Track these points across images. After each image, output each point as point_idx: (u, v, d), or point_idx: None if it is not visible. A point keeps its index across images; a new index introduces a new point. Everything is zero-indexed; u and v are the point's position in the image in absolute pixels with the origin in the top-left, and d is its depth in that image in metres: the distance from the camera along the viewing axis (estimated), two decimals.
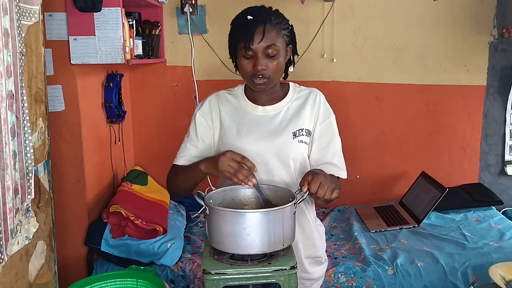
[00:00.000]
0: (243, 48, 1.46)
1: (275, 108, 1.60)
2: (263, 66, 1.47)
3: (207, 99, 1.65)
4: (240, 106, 1.61)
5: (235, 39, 1.51)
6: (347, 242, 2.74)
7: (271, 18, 1.48)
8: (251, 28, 1.45)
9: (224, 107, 1.62)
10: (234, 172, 1.37)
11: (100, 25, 2.27)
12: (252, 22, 1.46)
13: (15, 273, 1.42)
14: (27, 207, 1.48)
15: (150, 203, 2.74)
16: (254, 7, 1.52)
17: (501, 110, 3.28)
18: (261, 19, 1.46)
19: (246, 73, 1.51)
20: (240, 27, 1.49)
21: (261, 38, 1.44)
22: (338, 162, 1.60)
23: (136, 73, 3.24)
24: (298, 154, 1.56)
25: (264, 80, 1.49)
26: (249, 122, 1.58)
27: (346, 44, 3.23)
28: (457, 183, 3.28)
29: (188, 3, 3.04)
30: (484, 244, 2.58)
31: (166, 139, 3.30)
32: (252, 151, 1.52)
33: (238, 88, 1.66)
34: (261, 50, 1.46)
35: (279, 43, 1.48)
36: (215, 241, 1.33)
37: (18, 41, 1.32)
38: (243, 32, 1.46)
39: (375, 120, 3.32)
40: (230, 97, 1.64)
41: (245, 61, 1.49)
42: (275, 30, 1.47)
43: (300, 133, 1.56)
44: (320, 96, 1.63)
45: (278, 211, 1.29)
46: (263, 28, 1.45)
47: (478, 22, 3.18)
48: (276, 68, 1.50)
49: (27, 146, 1.40)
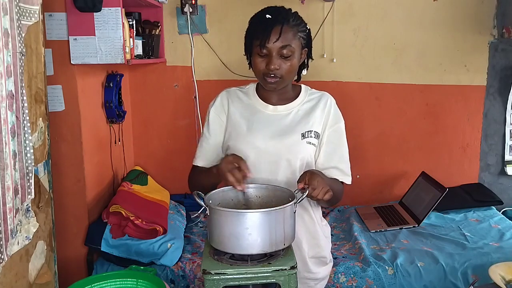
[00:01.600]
0: (259, 45, 1.47)
1: (286, 108, 1.60)
2: (276, 66, 1.48)
3: (219, 96, 1.66)
4: (251, 104, 1.62)
5: (251, 36, 1.52)
6: (347, 242, 2.74)
7: (289, 19, 1.49)
8: (268, 26, 1.46)
9: (234, 103, 1.62)
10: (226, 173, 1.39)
11: (100, 25, 2.27)
12: (270, 21, 1.47)
13: (15, 273, 1.42)
14: (27, 207, 1.48)
15: (150, 203, 2.74)
16: (274, 7, 1.53)
17: (501, 110, 3.28)
18: (280, 19, 1.47)
19: (258, 71, 1.52)
20: (258, 24, 1.50)
21: (277, 37, 1.45)
22: (344, 168, 1.62)
23: (136, 73, 3.24)
24: (305, 155, 1.57)
25: (276, 79, 1.50)
26: (259, 120, 1.59)
27: (346, 44, 3.23)
28: (457, 183, 3.28)
29: (188, 3, 3.04)
30: (484, 244, 2.58)
31: (166, 139, 3.30)
32: (260, 149, 1.53)
33: (250, 86, 1.67)
34: (276, 50, 1.47)
35: (294, 45, 1.49)
36: (216, 242, 1.33)
37: (18, 41, 1.32)
38: (260, 30, 1.47)
39: (375, 120, 3.32)
40: (241, 94, 1.65)
41: (259, 59, 1.50)
42: (292, 31, 1.48)
43: (309, 134, 1.57)
44: (331, 100, 1.64)
45: (279, 210, 1.29)
46: (281, 28, 1.46)
47: (478, 22, 3.18)
48: (289, 69, 1.51)
49: (27, 146, 1.40)
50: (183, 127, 3.26)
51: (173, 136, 3.27)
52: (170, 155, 3.30)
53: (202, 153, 1.63)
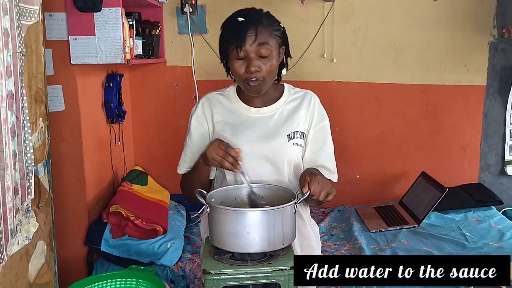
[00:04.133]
0: (235, 49, 1.44)
1: (269, 110, 1.59)
2: (256, 68, 1.45)
3: (199, 103, 1.64)
4: (234, 108, 1.60)
5: (226, 42, 1.49)
6: (347, 242, 2.74)
7: (262, 19, 1.47)
8: (243, 29, 1.44)
9: (217, 109, 1.61)
10: (220, 160, 1.41)
11: (100, 25, 2.27)
12: (243, 24, 1.45)
13: (15, 273, 1.42)
14: (27, 207, 1.48)
15: (150, 203, 2.74)
16: (245, 10, 1.51)
17: (501, 110, 3.28)
18: (253, 20, 1.45)
19: (239, 76, 1.49)
20: (232, 29, 1.47)
21: (254, 39, 1.43)
22: (330, 166, 1.61)
23: (136, 73, 3.24)
24: (292, 157, 1.56)
25: (258, 82, 1.48)
26: (243, 124, 1.57)
27: (346, 44, 3.23)
28: (457, 183, 3.28)
29: (188, 3, 3.04)
30: (484, 244, 2.58)
31: (166, 139, 3.30)
32: (247, 153, 1.51)
33: (230, 89, 1.64)
34: (254, 51, 1.44)
35: (271, 43, 1.47)
36: (215, 240, 1.33)
37: (18, 41, 1.33)
38: (235, 33, 1.45)
39: (375, 120, 3.32)
40: (222, 98, 1.63)
41: (238, 63, 1.47)
42: (267, 31, 1.46)
43: (294, 135, 1.55)
44: (314, 98, 1.62)
45: (278, 210, 1.29)
46: (255, 29, 1.44)
47: (478, 22, 3.18)
48: (270, 69, 1.48)
49: (27, 146, 1.40)
50: (183, 127, 3.21)
51: (173, 136, 3.27)
52: (170, 155, 3.28)
53: (187, 161, 1.63)
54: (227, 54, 1.50)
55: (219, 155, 1.41)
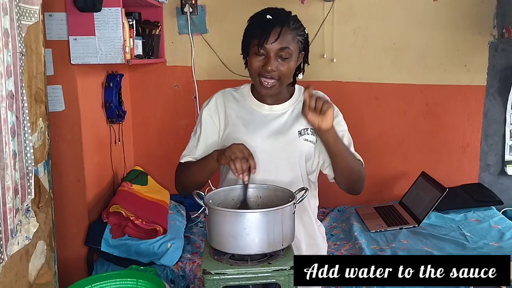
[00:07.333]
0: (257, 45, 1.46)
1: (281, 107, 1.61)
2: (273, 67, 1.47)
3: (214, 97, 1.65)
4: (247, 104, 1.62)
5: (250, 36, 1.51)
6: (347, 242, 2.74)
7: (289, 21, 1.48)
8: (268, 27, 1.46)
9: (230, 104, 1.62)
10: (235, 158, 1.38)
11: (100, 25, 2.27)
12: (270, 22, 1.47)
13: (15, 273, 1.42)
14: (27, 207, 1.48)
15: (150, 203, 2.74)
16: (275, 8, 1.53)
17: (501, 110, 3.28)
18: (280, 20, 1.47)
19: (254, 71, 1.51)
20: (258, 24, 1.49)
21: (276, 38, 1.45)
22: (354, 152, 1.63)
23: (136, 73, 3.24)
24: (303, 152, 1.57)
25: (272, 80, 1.49)
26: (256, 120, 1.59)
27: (346, 44, 3.23)
28: (457, 183, 3.28)
29: (188, 3, 3.04)
30: (484, 244, 2.58)
31: (166, 139, 3.30)
32: (259, 148, 1.53)
33: (244, 86, 1.66)
34: (274, 51, 1.46)
35: (292, 47, 1.48)
36: (214, 241, 1.33)
37: (18, 41, 1.32)
38: (260, 29, 1.47)
39: (375, 120, 3.32)
40: (236, 94, 1.65)
41: (256, 59, 1.49)
42: (291, 34, 1.48)
43: (305, 132, 1.57)
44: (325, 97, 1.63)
45: (278, 211, 1.29)
46: (280, 29, 1.45)
47: (478, 22, 3.18)
48: (286, 72, 1.50)
49: (27, 146, 1.40)
50: (183, 127, 3.26)
51: (173, 136, 3.27)
52: (170, 155, 3.28)
53: (192, 152, 1.61)
54: (248, 47, 1.52)
55: (239, 155, 1.39)
